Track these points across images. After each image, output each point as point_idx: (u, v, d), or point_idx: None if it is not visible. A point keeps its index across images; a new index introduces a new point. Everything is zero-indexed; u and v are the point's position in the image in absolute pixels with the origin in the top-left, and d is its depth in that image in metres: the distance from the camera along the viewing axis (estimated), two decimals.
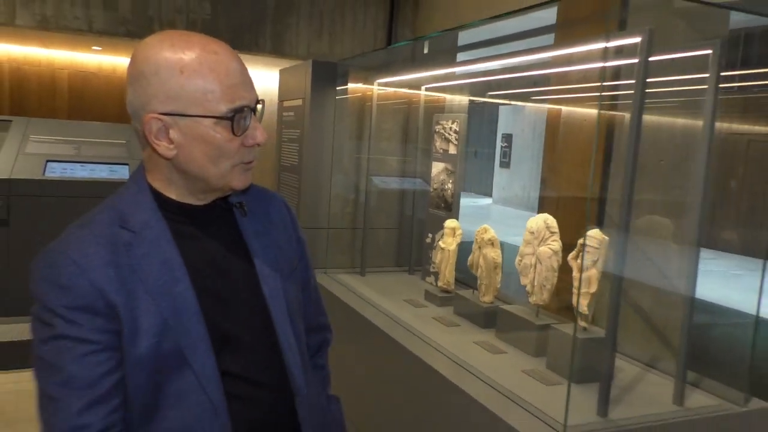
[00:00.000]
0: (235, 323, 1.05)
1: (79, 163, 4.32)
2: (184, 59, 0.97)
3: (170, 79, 0.97)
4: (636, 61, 1.65)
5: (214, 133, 0.99)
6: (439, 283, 2.95)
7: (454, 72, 3.30)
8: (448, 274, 2.90)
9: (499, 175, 16.76)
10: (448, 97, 3.47)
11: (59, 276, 0.95)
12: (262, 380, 1.06)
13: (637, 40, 1.64)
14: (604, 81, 2.16)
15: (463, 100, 3.51)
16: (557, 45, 2.62)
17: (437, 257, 2.97)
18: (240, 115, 0.99)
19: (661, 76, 1.98)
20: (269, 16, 6.30)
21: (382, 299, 2.92)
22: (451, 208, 3.12)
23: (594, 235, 2.03)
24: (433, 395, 2.08)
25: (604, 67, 2.09)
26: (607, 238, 2.03)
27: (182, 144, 0.99)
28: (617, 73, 2.30)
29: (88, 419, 0.93)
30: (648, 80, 1.65)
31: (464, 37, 3.07)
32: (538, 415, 1.73)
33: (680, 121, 2.27)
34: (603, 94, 2.27)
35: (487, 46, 2.76)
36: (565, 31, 2.74)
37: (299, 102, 3.52)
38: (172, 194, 1.05)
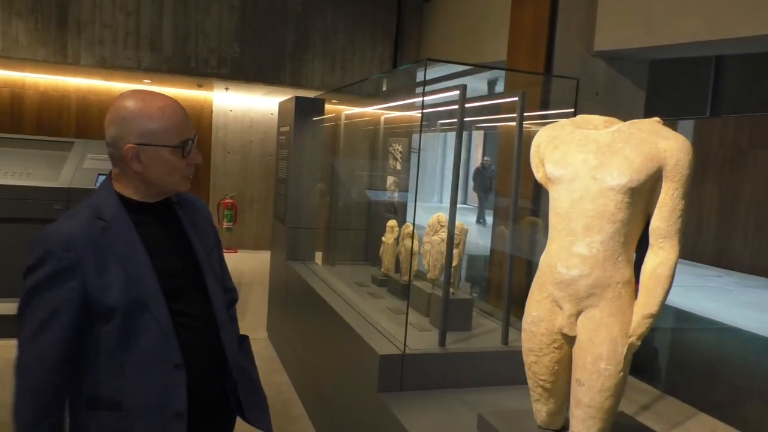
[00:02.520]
0: (178, 278, 1.51)
1: None
2: (150, 110, 1.43)
3: (142, 121, 1.41)
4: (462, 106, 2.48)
5: (169, 156, 1.44)
6: (381, 269, 3.78)
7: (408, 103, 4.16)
8: (387, 262, 3.73)
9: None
10: (399, 124, 4.33)
11: (55, 250, 1.35)
12: (198, 315, 1.53)
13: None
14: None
15: (413, 126, 4.36)
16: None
17: (381, 249, 3.81)
18: (186, 144, 1.47)
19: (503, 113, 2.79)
20: (288, 53, 7.31)
21: (337, 282, 3.77)
22: (397, 212, 3.96)
23: (457, 225, 2.83)
24: (340, 339, 2.91)
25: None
26: (467, 228, 2.84)
27: (148, 163, 1.43)
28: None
29: (42, 343, 1.35)
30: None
31: (406, 78, 3.94)
32: (396, 343, 2.54)
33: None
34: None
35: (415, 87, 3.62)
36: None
37: (288, 128, 4.45)
38: (134, 196, 1.48)
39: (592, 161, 1.77)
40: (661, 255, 1.69)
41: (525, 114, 2.68)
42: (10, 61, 6.71)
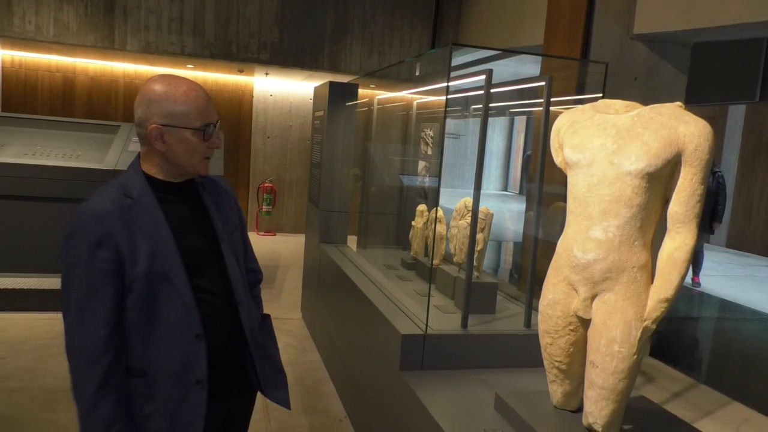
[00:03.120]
0: (199, 255, 1.57)
1: None
2: (175, 93, 1.49)
3: (167, 104, 1.48)
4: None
5: (191, 138, 1.50)
6: (411, 253, 3.84)
7: (435, 89, 4.17)
8: (416, 246, 3.78)
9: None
10: (431, 109, 4.34)
11: (87, 223, 1.43)
12: (216, 290, 1.59)
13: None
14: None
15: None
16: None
17: (410, 233, 3.86)
18: (207, 127, 1.52)
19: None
20: (327, 38, 7.36)
21: (367, 265, 3.84)
22: (427, 196, 4.00)
23: (482, 210, 2.86)
24: (367, 320, 2.98)
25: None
26: (492, 212, 2.86)
27: (171, 144, 1.50)
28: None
29: (87, 315, 1.41)
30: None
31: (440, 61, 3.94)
32: (419, 324, 2.60)
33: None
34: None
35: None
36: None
37: (322, 113, 4.53)
38: (159, 175, 1.55)
39: (610, 146, 1.77)
40: (678, 240, 1.69)
41: (558, 99, 2.66)
42: (62, 47, 6.98)
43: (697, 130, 1.66)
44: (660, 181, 1.71)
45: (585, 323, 1.86)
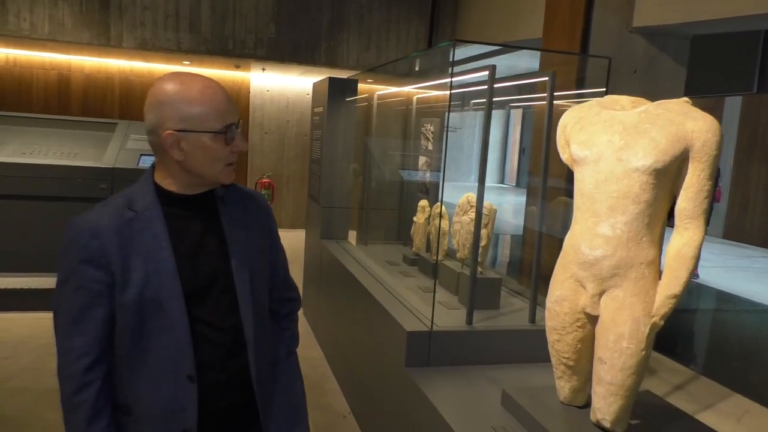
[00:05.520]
0: (204, 281, 1.36)
1: None
2: (190, 93, 1.30)
3: (181, 106, 1.29)
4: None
5: (211, 143, 1.31)
6: (413, 249, 3.84)
7: (437, 84, 4.16)
8: (418, 241, 3.78)
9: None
10: (431, 104, 4.34)
11: (80, 238, 1.28)
12: (221, 325, 1.38)
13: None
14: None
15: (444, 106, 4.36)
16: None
17: (412, 229, 3.86)
18: (229, 130, 1.33)
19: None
20: (323, 33, 7.34)
21: (369, 261, 3.84)
22: (429, 192, 4.00)
23: (486, 206, 2.85)
24: (370, 316, 2.99)
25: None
26: (495, 208, 2.86)
27: (189, 151, 1.31)
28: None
29: (76, 342, 1.29)
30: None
31: (440, 58, 3.93)
32: (423, 320, 2.60)
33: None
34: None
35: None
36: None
37: (321, 109, 4.51)
38: (172, 187, 1.36)
39: (617, 142, 1.77)
40: (686, 236, 1.69)
41: (559, 93, 2.67)
42: (57, 44, 6.93)
43: (705, 126, 1.66)
44: (668, 177, 1.71)
45: (593, 320, 1.87)
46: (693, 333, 5.85)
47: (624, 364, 1.76)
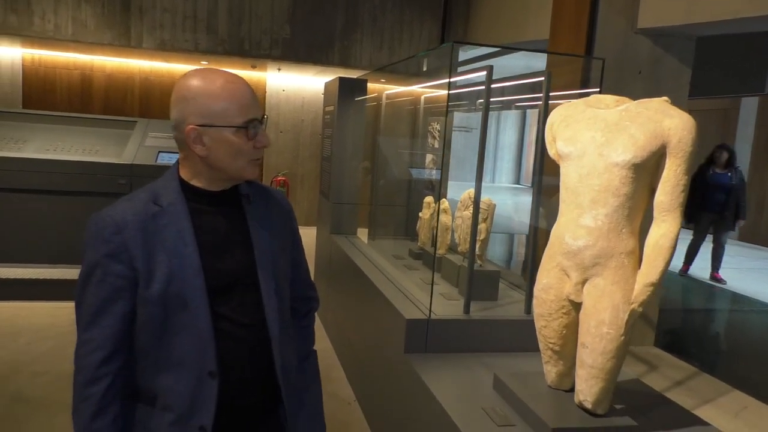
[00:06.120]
0: (228, 278, 1.36)
1: None
2: (212, 88, 1.30)
3: (204, 101, 1.29)
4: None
5: (234, 138, 1.31)
6: (418, 243, 3.95)
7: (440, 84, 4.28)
8: (423, 236, 3.89)
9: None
10: (438, 103, 4.45)
11: (104, 232, 1.29)
12: (245, 322, 1.37)
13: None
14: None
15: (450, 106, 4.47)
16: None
17: (417, 224, 3.97)
18: (251, 125, 1.32)
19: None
20: (337, 34, 7.48)
21: (375, 254, 3.97)
22: (434, 188, 4.11)
23: (485, 201, 2.96)
24: (374, 306, 3.11)
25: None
26: (494, 203, 2.97)
27: (212, 146, 1.31)
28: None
29: (94, 334, 1.29)
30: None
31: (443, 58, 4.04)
32: (423, 309, 2.72)
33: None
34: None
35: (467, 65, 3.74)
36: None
37: (332, 108, 4.65)
38: (197, 183, 1.37)
39: (599, 139, 1.87)
40: (663, 227, 1.79)
41: (563, 93, 2.76)
42: (80, 45, 7.16)
43: (681, 123, 1.76)
44: (646, 171, 1.81)
45: (577, 307, 1.97)
46: (705, 333, 5.88)
47: (604, 349, 1.86)
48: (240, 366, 1.36)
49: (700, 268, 7.80)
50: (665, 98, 1.87)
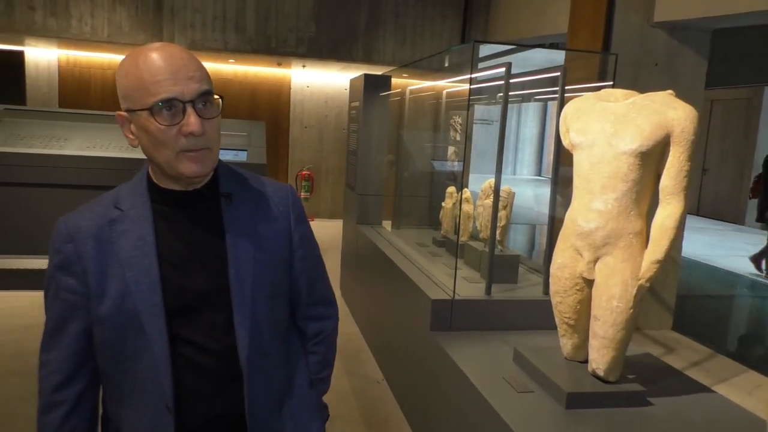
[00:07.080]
0: (194, 296, 1.14)
1: None
2: (126, 64, 1.07)
3: (122, 82, 1.08)
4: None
5: (149, 124, 1.06)
6: (441, 232, 4.15)
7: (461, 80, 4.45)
8: (446, 225, 4.09)
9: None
10: (460, 98, 4.63)
11: (55, 241, 1.14)
12: (212, 348, 1.14)
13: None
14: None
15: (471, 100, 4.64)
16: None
17: (440, 214, 4.17)
18: (166, 105, 1.04)
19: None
20: (361, 31, 7.69)
21: (400, 243, 4.18)
22: (457, 179, 4.30)
23: (505, 189, 3.15)
24: (400, 289, 3.32)
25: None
26: (514, 192, 3.15)
27: (137, 135, 1.11)
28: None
29: (51, 356, 1.16)
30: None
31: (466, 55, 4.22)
32: (447, 291, 2.92)
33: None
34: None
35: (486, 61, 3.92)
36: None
37: (357, 104, 4.86)
38: (163, 182, 1.16)
39: (608, 129, 2.05)
40: (668, 209, 1.97)
41: (582, 86, 2.92)
42: (115, 46, 7.47)
43: (684, 115, 1.93)
44: (652, 159, 1.99)
45: (590, 283, 2.16)
46: (720, 316, 5.99)
47: (615, 321, 2.04)
48: (206, 400, 1.16)
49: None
50: (670, 91, 2.04)
